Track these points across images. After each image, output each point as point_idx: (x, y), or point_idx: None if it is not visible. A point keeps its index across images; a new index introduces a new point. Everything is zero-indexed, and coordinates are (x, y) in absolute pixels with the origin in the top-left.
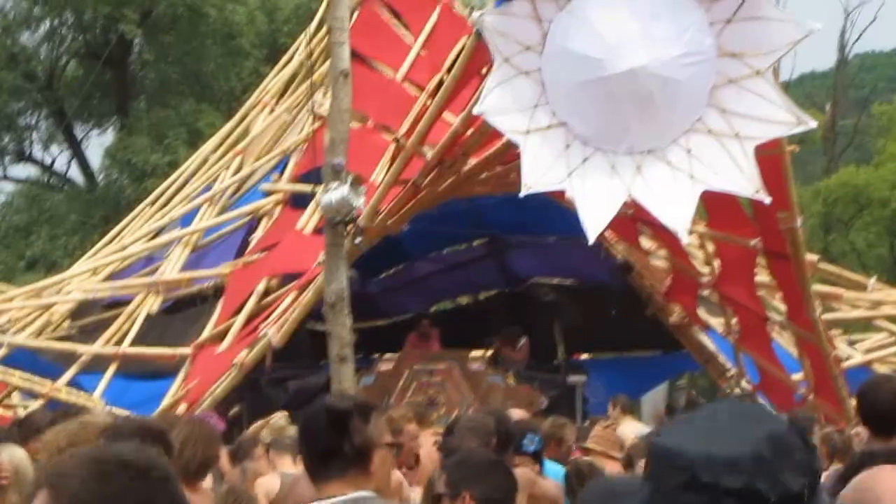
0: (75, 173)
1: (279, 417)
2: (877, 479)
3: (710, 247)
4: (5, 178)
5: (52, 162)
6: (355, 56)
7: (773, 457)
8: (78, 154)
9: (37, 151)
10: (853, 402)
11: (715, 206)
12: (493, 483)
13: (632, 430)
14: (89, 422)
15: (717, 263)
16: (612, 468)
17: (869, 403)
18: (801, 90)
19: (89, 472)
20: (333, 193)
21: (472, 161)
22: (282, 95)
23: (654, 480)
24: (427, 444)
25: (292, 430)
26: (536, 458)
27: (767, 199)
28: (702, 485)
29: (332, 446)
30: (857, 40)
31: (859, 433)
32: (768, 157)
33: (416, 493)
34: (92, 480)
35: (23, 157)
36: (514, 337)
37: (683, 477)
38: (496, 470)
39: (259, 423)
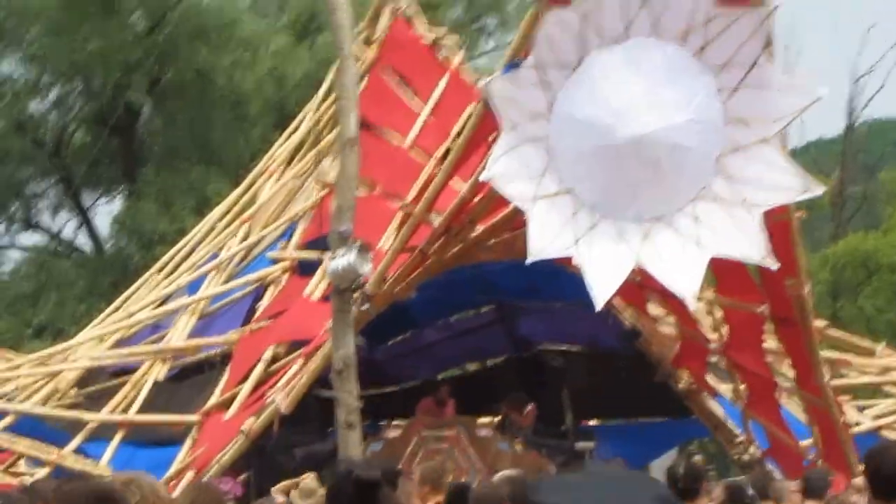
0: (83, 240)
1: (309, 480)
2: None
3: (719, 313)
4: (13, 246)
5: (60, 229)
6: (363, 123)
7: None
8: (86, 221)
9: (45, 219)
10: (862, 468)
11: (723, 273)
12: None
13: None
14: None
15: (725, 330)
16: None
17: (875, 468)
18: (808, 157)
19: None
20: (340, 260)
21: (480, 228)
22: (289, 163)
23: None
24: None
25: (322, 493)
26: None
27: (775, 266)
28: None
29: None
30: (864, 107)
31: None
32: (776, 223)
33: None
34: None
35: (30, 224)
36: (521, 403)
37: None
38: None
39: (285, 483)
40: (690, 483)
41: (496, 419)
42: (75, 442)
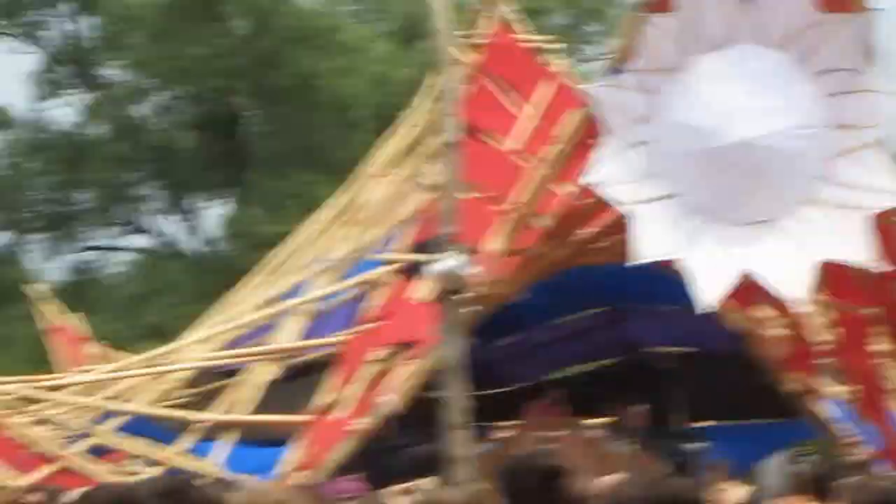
0: (191, 243)
1: (428, 482)
2: None
3: (828, 315)
4: (122, 248)
5: (168, 232)
6: (466, 128)
7: None
8: (192, 224)
9: (152, 222)
10: None
11: (832, 276)
12: None
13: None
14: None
15: (835, 332)
16: None
17: None
18: None
19: None
20: (445, 263)
21: (586, 231)
22: (394, 166)
23: None
24: None
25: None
26: None
27: (884, 268)
28: None
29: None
30: None
31: None
32: (885, 226)
33: None
34: None
35: (139, 227)
36: (632, 405)
37: None
38: None
39: (401, 486)
40: (823, 482)
41: (607, 420)
42: (186, 441)
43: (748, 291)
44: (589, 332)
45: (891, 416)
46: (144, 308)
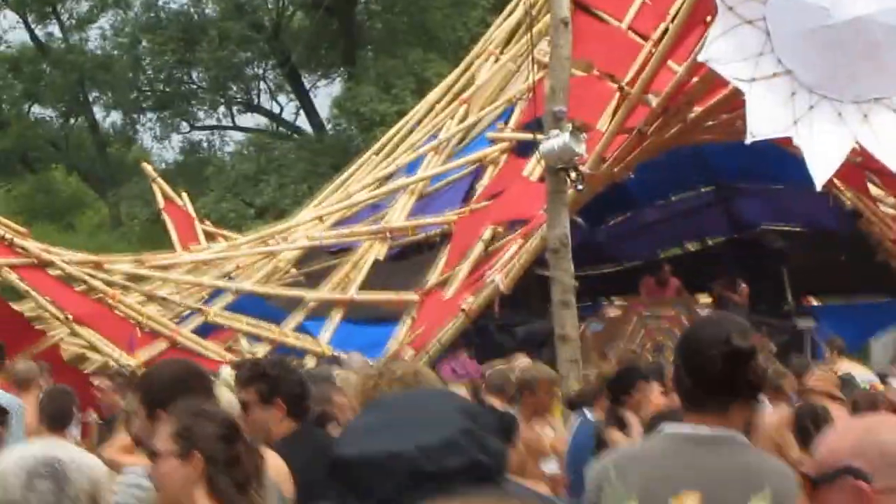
0: (303, 122)
1: (523, 359)
2: None
3: None
4: (235, 127)
5: (281, 111)
6: (579, 5)
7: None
8: (306, 103)
9: (265, 101)
10: None
11: None
12: None
13: (857, 373)
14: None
15: None
16: (834, 408)
17: None
18: None
19: None
20: (555, 141)
21: (698, 109)
22: (507, 44)
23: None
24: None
25: (543, 368)
26: None
27: None
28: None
29: (723, 382)
30: None
31: None
32: None
33: None
34: None
35: (251, 106)
36: (734, 282)
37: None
38: None
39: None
40: None
41: (709, 299)
42: (296, 319)
43: (861, 169)
44: (698, 211)
45: None
46: (256, 188)
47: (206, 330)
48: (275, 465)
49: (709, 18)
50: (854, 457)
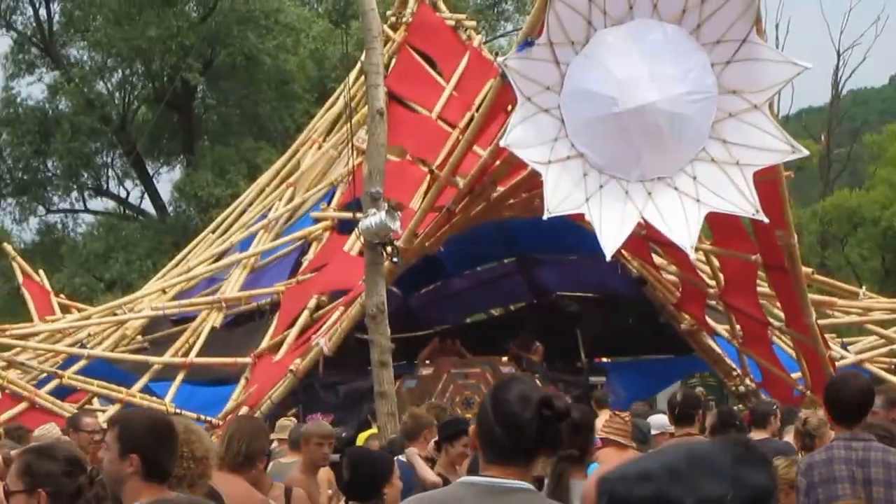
0: (147, 205)
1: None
2: None
3: (716, 262)
4: (86, 210)
5: (127, 195)
6: (393, 97)
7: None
8: (149, 188)
9: (113, 186)
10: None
11: (719, 226)
12: None
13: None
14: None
15: (722, 276)
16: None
17: (833, 397)
18: (799, 123)
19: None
20: (372, 219)
21: (500, 189)
22: (328, 133)
23: None
24: None
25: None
26: None
27: (766, 219)
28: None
29: (536, 439)
30: (849, 78)
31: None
32: (767, 181)
33: None
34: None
35: (100, 191)
36: (529, 341)
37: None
38: None
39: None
40: (687, 409)
41: (506, 358)
42: (142, 382)
43: (645, 241)
44: (501, 280)
45: (778, 353)
46: (105, 264)
47: (62, 392)
48: None
49: (510, 108)
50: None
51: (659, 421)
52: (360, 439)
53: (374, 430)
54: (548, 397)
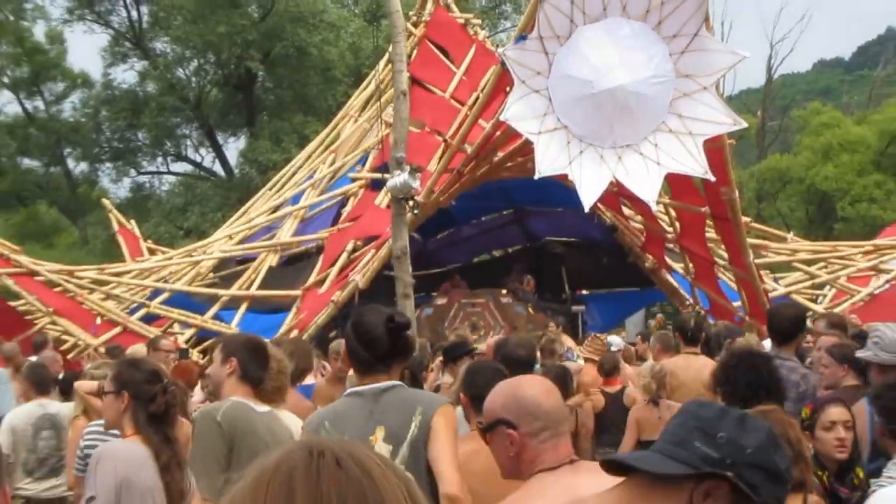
0: (218, 168)
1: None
2: None
3: (673, 213)
4: (169, 172)
5: (202, 160)
6: (415, 81)
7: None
8: (219, 154)
9: (190, 153)
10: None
11: (675, 184)
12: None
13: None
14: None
15: (678, 224)
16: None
17: (772, 321)
18: (740, 101)
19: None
20: (397, 179)
21: (500, 154)
22: (363, 110)
23: None
24: None
25: None
26: None
27: (713, 178)
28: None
29: (388, 350)
30: (779, 65)
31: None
32: (714, 148)
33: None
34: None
35: (180, 157)
36: (522, 276)
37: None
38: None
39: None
40: (696, 332)
41: (504, 290)
42: (213, 310)
43: (616, 196)
44: (501, 228)
45: (721, 284)
46: (184, 215)
47: (149, 319)
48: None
49: (508, 89)
50: (504, 410)
51: (615, 340)
52: None
53: None
54: (390, 314)
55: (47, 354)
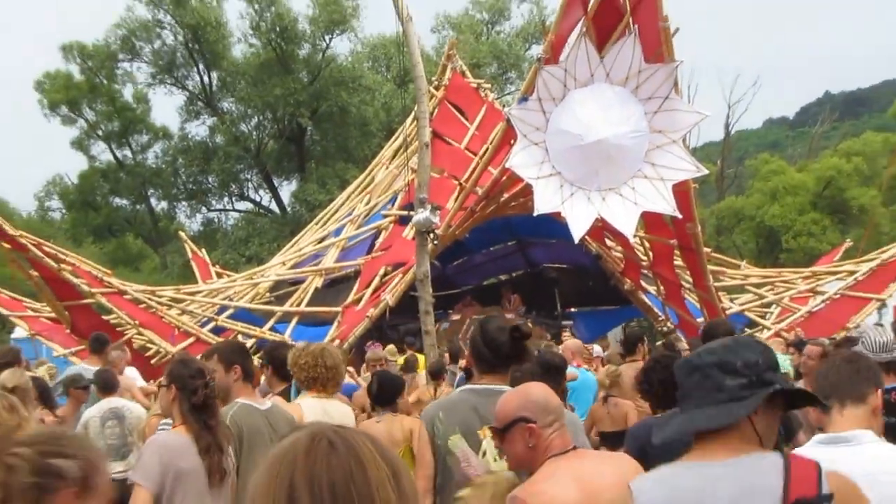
0: (273, 207)
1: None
2: None
3: (647, 244)
4: (233, 209)
5: (261, 200)
6: (436, 135)
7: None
8: (275, 195)
9: (251, 194)
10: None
11: (649, 220)
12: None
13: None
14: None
15: (651, 253)
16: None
17: (706, 332)
18: (702, 152)
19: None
20: (421, 215)
21: (506, 195)
22: (393, 158)
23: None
24: None
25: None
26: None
27: (680, 215)
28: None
29: (510, 353)
30: (735, 122)
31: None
32: (681, 190)
33: None
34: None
35: (243, 197)
36: (509, 294)
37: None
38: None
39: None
40: (632, 342)
41: (515, 306)
42: (269, 324)
43: (601, 230)
44: (506, 256)
45: (687, 303)
46: (246, 245)
47: (217, 331)
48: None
49: (512, 142)
50: (522, 409)
51: (597, 348)
52: (421, 360)
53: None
54: (517, 325)
55: (115, 354)
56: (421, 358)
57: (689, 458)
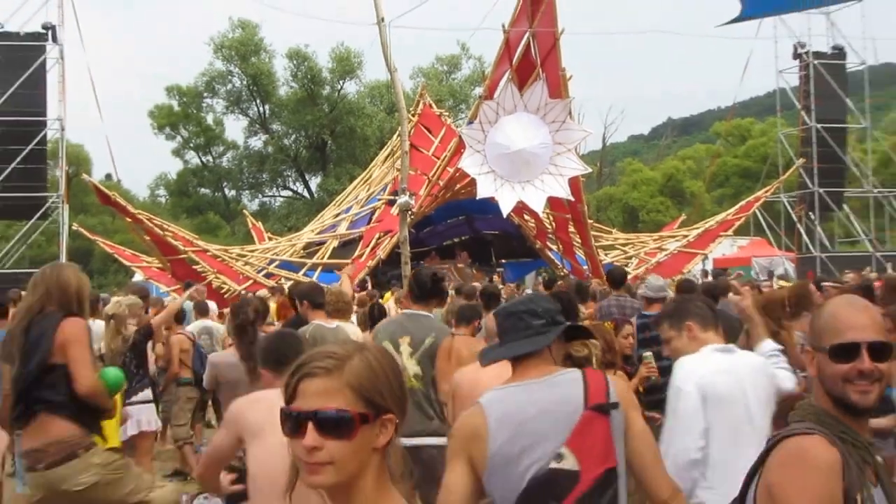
0: (306, 194)
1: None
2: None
3: (551, 217)
4: (279, 196)
5: (297, 189)
6: (412, 146)
7: (538, 297)
8: (307, 186)
9: (291, 185)
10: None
11: (553, 202)
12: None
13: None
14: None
15: (554, 224)
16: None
17: (609, 276)
18: (588, 157)
19: None
20: (402, 199)
21: (458, 185)
22: (384, 161)
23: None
24: None
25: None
26: None
27: (573, 199)
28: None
29: (432, 291)
30: (610, 136)
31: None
32: (573, 182)
33: None
34: None
35: (286, 187)
36: (461, 251)
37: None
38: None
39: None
40: (549, 283)
41: (462, 260)
42: (302, 271)
43: (520, 208)
44: (458, 226)
45: (578, 257)
46: (287, 219)
47: (268, 276)
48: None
49: (463, 151)
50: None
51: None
52: (385, 298)
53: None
54: (435, 272)
55: (200, 289)
56: (387, 296)
57: (513, 380)
